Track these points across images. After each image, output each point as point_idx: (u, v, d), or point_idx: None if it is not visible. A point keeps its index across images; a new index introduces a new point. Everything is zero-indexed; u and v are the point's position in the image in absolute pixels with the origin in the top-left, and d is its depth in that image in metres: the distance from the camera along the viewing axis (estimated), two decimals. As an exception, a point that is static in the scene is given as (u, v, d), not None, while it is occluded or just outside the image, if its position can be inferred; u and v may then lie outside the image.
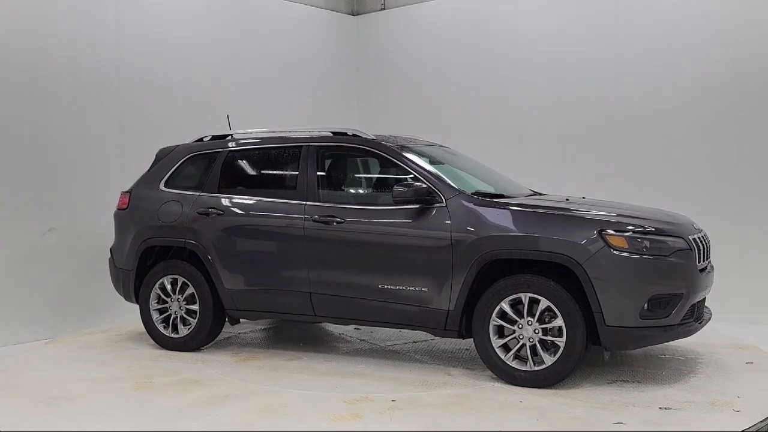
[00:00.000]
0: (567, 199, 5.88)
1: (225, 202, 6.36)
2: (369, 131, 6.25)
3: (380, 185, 6.32)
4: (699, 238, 5.44)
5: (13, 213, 7.12)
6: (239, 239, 6.24)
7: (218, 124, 7.19)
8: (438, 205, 5.56)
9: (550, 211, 5.40)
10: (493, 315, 5.33)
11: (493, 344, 5.35)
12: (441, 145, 6.78)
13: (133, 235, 6.68)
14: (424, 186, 5.58)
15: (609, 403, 4.88)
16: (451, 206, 5.52)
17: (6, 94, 7.05)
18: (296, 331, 7.38)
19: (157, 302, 6.60)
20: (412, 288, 5.60)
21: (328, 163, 6.30)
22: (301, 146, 6.24)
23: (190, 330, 6.45)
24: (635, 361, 5.85)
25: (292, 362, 6.09)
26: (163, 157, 6.89)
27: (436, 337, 6.74)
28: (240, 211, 6.28)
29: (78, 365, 6.13)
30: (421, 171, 5.74)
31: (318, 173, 6.12)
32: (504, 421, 4.58)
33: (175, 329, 6.52)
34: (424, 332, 5.85)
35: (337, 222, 5.85)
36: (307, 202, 6.03)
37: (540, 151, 8.45)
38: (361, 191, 6.49)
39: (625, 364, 5.78)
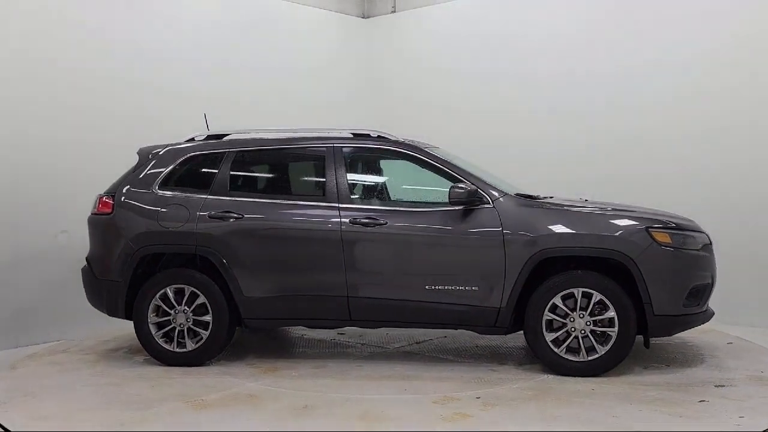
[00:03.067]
0: (586, 200, 6.29)
1: (243, 205, 6.01)
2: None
3: (420, 187, 6.30)
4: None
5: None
6: (264, 244, 5.93)
7: (223, 124, 6.76)
8: (485, 206, 5.71)
9: (599, 210, 5.77)
10: (546, 310, 5.59)
11: (546, 338, 5.60)
12: (432, 146, 6.90)
13: (125, 243, 6.09)
14: (475, 187, 5.72)
15: (668, 385, 5.30)
16: (500, 207, 5.70)
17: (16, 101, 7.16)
18: (277, 338, 7.13)
19: (156, 315, 6.06)
20: (462, 287, 5.69)
21: (357, 164, 6.21)
22: (325, 147, 6.09)
23: (200, 343, 6.00)
24: (639, 348, 6.35)
25: (323, 369, 5.91)
26: (153, 157, 6.34)
27: (434, 336, 6.91)
28: (263, 215, 5.97)
29: (89, 389, 5.48)
30: (466, 173, 5.87)
31: (348, 175, 6.00)
32: (603, 408, 4.80)
33: (180, 343, 6.02)
34: (466, 331, 5.96)
35: (379, 224, 5.78)
36: (341, 204, 5.89)
37: (547, 154, 8.68)
38: (399, 193, 6.44)
39: (635, 351, 6.26)
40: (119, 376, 5.81)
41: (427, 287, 5.73)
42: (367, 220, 5.80)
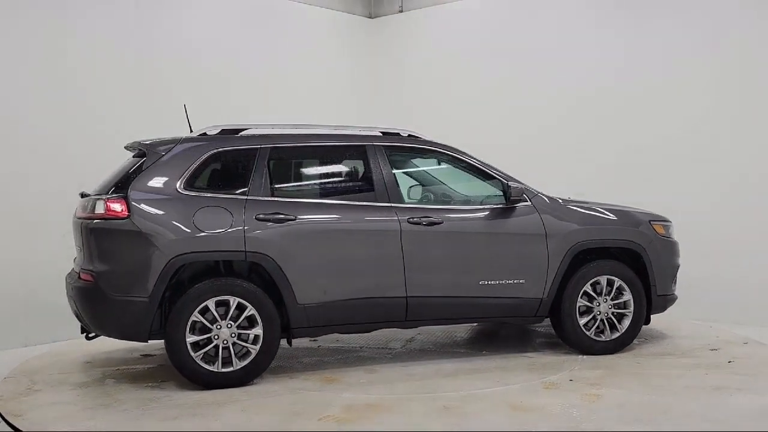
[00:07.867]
0: (570, 197, 6.96)
1: (293, 206, 5.59)
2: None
3: (466, 186, 6.35)
4: None
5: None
6: (323, 247, 5.58)
7: (223, 123, 6.07)
8: (524, 203, 6.10)
9: (615, 208, 6.49)
10: (579, 296, 6.17)
11: (579, 322, 6.18)
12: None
13: (155, 253, 5.24)
14: (522, 186, 6.08)
15: (683, 353, 6.22)
16: (537, 204, 6.14)
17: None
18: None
19: (194, 332, 5.31)
20: (511, 281, 6.01)
21: (400, 164, 6.11)
22: (365, 146, 5.93)
23: (250, 360, 5.41)
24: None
25: (380, 374, 5.77)
26: (165, 153, 5.54)
27: (416, 334, 7.07)
28: (318, 216, 5.62)
29: (178, 422, 4.67)
30: (505, 174, 6.17)
31: (395, 174, 5.93)
32: (680, 376, 5.50)
33: (226, 362, 5.36)
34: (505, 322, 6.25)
35: (436, 223, 5.83)
36: (393, 204, 5.80)
37: (553, 153, 8.75)
38: (446, 192, 6.41)
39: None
40: (174, 406, 5.01)
41: (480, 283, 5.94)
42: (425, 220, 5.80)
